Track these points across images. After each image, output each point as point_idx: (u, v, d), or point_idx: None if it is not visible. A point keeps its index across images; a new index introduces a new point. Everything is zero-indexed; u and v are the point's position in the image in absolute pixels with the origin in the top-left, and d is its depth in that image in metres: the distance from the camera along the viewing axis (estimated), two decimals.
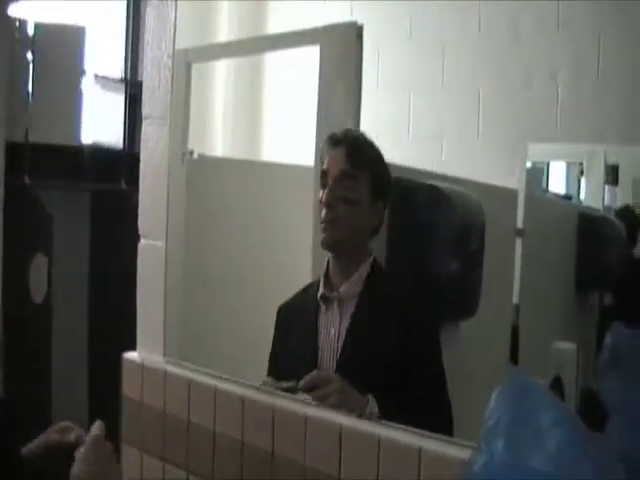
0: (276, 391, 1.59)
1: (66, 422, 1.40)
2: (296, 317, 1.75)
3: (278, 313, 1.80)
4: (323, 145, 1.73)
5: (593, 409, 1.15)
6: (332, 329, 1.65)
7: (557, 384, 2.65)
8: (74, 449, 1.30)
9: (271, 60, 3.94)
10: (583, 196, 3.75)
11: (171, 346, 1.93)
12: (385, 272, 1.70)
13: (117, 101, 3.72)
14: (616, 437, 1.08)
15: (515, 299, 2.64)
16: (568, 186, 3.86)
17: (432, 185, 1.91)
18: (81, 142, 3.31)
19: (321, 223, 1.65)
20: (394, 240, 1.84)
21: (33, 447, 1.34)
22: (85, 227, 3.39)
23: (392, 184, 1.74)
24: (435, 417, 1.49)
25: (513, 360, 2.57)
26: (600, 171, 3.55)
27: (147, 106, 1.97)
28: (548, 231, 2.92)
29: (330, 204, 1.63)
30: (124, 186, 3.18)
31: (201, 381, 1.75)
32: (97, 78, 3.55)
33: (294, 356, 1.68)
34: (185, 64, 2.07)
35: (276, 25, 3.94)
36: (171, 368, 1.85)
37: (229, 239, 2.26)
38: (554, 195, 3.78)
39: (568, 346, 2.69)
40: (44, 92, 3.10)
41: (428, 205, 1.86)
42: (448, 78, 3.69)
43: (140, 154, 2.01)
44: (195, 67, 2.11)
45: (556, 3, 3.28)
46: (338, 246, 1.66)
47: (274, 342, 1.78)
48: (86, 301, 3.40)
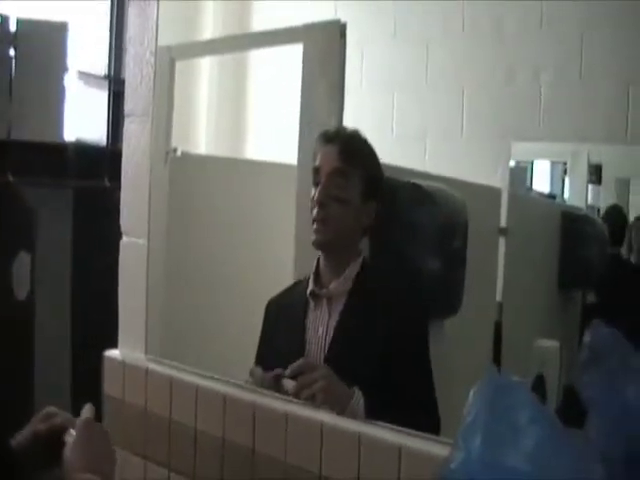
0: (259, 386, 1.58)
1: (50, 407, 1.38)
2: (284, 313, 1.74)
3: (267, 308, 1.79)
4: (316, 142, 1.71)
5: (575, 406, 1.15)
6: (320, 327, 1.65)
7: (540, 382, 2.66)
8: (62, 433, 1.29)
9: (255, 58, 3.93)
10: (567, 195, 3.77)
11: (153, 344, 1.92)
12: (374, 271, 1.69)
13: (101, 98, 3.71)
14: (595, 434, 1.08)
15: (498, 297, 2.66)
16: (552, 185, 3.88)
17: (415, 184, 1.90)
18: (64, 139, 3.29)
19: (313, 222, 1.64)
20: (377, 238, 1.84)
21: (21, 439, 1.32)
22: (68, 224, 3.36)
23: (385, 183, 1.73)
24: (422, 416, 1.49)
25: (496, 358, 2.58)
26: (583, 170, 3.57)
27: (129, 103, 1.96)
28: (531, 230, 2.93)
29: (322, 203, 1.62)
30: (107, 183, 3.17)
31: (182, 379, 1.75)
32: (81, 75, 3.53)
33: (281, 352, 1.67)
34: (168, 61, 2.07)
35: (260, 24, 3.94)
36: (152, 366, 1.84)
37: (212, 237, 2.26)
38: (538, 194, 3.79)
39: (551, 344, 2.70)
40: (26, 89, 3.08)
41: (411, 203, 1.86)
42: (432, 77, 3.70)
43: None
44: (179, 64, 2.10)
45: (540, 3, 3.29)
46: (329, 246, 1.65)
47: (261, 337, 1.77)
48: (69, 298, 3.38)
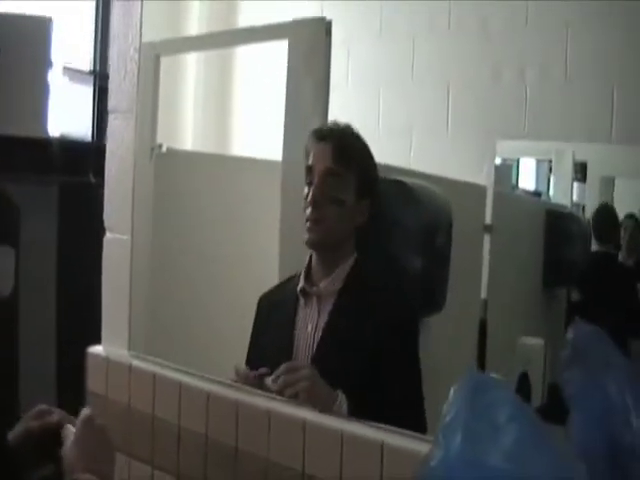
0: (243, 384, 1.58)
1: (41, 405, 1.37)
2: (275, 309, 1.73)
3: (258, 304, 1.78)
4: (308, 139, 1.69)
5: (559, 404, 1.16)
6: (309, 324, 1.64)
7: (524, 379, 2.68)
8: (57, 430, 1.28)
9: (241, 54, 3.93)
10: (552, 193, 3.79)
11: (136, 340, 1.92)
12: (364, 271, 1.68)
13: (86, 93, 3.69)
14: (577, 431, 1.09)
15: (483, 294, 2.67)
16: (538, 182, 3.90)
17: (399, 181, 1.91)
18: (49, 134, 3.27)
19: (306, 221, 1.62)
20: (363, 237, 1.84)
21: (15, 436, 1.31)
22: (53, 220, 3.35)
23: (379, 180, 1.71)
24: (410, 416, 1.48)
25: (481, 355, 2.59)
26: (568, 168, 3.58)
27: (113, 100, 1.95)
28: (516, 227, 2.94)
29: (316, 203, 1.60)
30: (92, 179, 3.15)
31: (166, 376, 1.74)
32: (66, 70, 3.51)
33: (270, 348, 1.67)
34: (153, 57, 2.06)
35: (246, 21, 3.93)
36: (136, 362, 1.84)
37: (197, 233, 2.25)
38: (523, 191, 3.81)
39: (535, 342, 2.72)
40: (10, 83, 3.06)
41: (394, 201, 1.86)
42: (418, 74, 3.70)
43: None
44: (165, 60, 2.10)
45: (525, 3, 3.30)
46: (322, 245, 1.64)
47: (252, 333, 1.76)
48: (54, 294, 3.36)
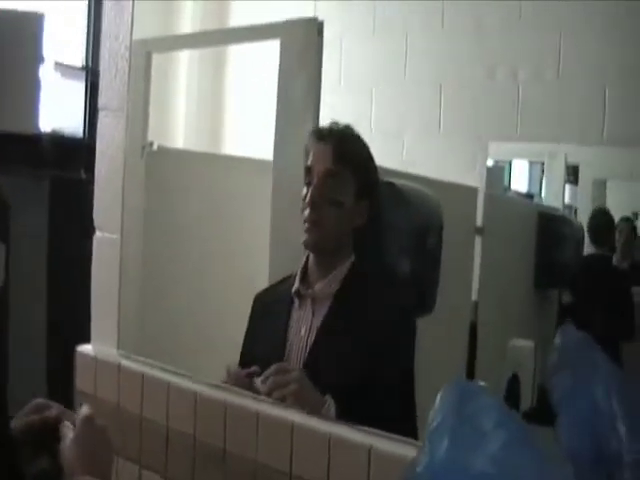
0: (232, 383, 1.57)
1: (40, 399, 1.36)
2: (270, 309, 1.71)
3: (254, 303, 1.76)
4: (308, 139, 1.67)
5: (549, 406, 1.16)
6: (303, 327, 1.61)
7: (515, 381, 2.68)
8: (57, 424, 1.28)
9: (234, 52, 3.92)
10: (544, 195, 3.80)
11: (125, 339, 1.91)
12: (360, 274, 1.65)
13: (79, 89, 3.68)
14: (564, 435, 1.09)
15: (474, 296, 2.67)
16: (530, 184, 3.91)
17: (390, 183, 1.90)
18: (40, 130, 3.27)
19: (304, 223, 1.60)
20: (358, 238, 1.83)
21: (16, 429, 1.30)
22: (44, 214, 3.34)
23: (378, 182, 1.69)
24: (400, 423, 1.47)
25: (471, 357, 2.59)
26: (561, 171, 3.59)
27: (103, 97, 1.94)
28: (508, 229, 2.94)
29: (315, 204, 1.59)
30: (83, 175, 3.15)
31: (154, 376, 1.74)
32: (58, 66, 3.50)
33: (263, 349, 1.64)
34: (145, 54, 2.05)
35: (239, 20, 3.93)
36: (125, 362, 1.83)
37: (188, 232, 2.25)
38: (515, 193, 3.82)
39: (526, 344, 2.72)
40: (1, 79, 3.05)
41: (386, 203, 1.85)
42: (410, 74, 3.69)
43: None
44: (157, 58, 2.09)
45: (519, 3, 3.30)
46: (320, 247, 1.62)
47: (247, 332, 1.75)
48: (45, 289, 3.36)
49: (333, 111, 1.92)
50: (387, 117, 3.50)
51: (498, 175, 3.51)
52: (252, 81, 3.80)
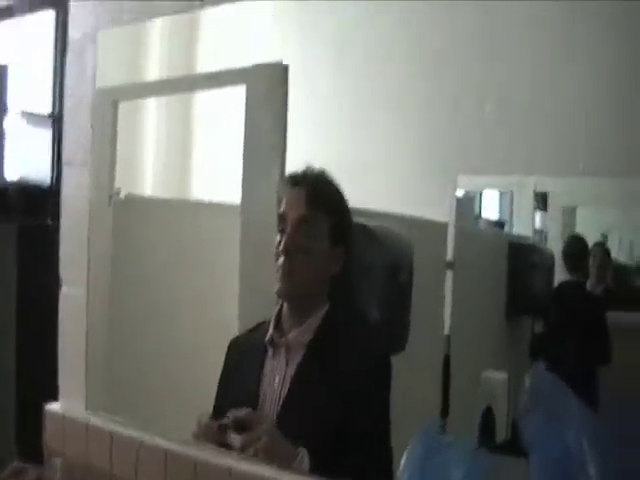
0: (203, 436, 1.54)
1: (16, 463, 1.34)
2: (243, 357, 1.67)
3: (228, 349, 1.73)
4: (281, 185, 1.66)
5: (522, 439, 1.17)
6: (277, 376, 1.58)
7: (489, 413, 2.68)
8: None
9: (202, 97, 3.94)
10: (514, 224, 3.82)
11: (94, 396, 1.87)
12: (334, 321, 1.62)
13: (47, 136, 3.67)
14: (535, 476, 1.10)
15: (446, 330, 2.67)
16: (501, 213, 3.94)
17: (361, 224, 1.90)
18: (5, 179, 3.26)
19: (277, 271, 1.57)
20: (334, 284, 1.81)
21: None
22: (12, 262, 3.31)
23: (352, 226, 1.67)
24: (377, 473, 1.45)
25: (445, 391, 2.59)
26: (529, 200, 3.63)
27: (67, 151, 1.94)
28: (478, 262, 2.96)
29: (289, 253, 1.56)
30: (50, 221, 3.13)
31: (123, 434, 1.70)
32: (25, 114, 3.50)
33: (235, 399, 1.60)
34: (111, 102, 2.06)
35: (206, 64, 3.95)
36: (93, 420, 1.79)
37: (157, 281, 2.23)
38: (486, 222, 3.84)
39: (499, 375, 2.72)
40: None
41: (357, 245, 1.84)
42: (375, 111, 3.73)
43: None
44: (124, 105, 2.09)
45: (485, 33, 3.35)
46: (294, 296, 1.60)
47: (221, 379, 1.71)
48: (14, 339, 3.31)
49: (298, 153, 1.94)
50: (354, 156, 3.52)
51: (468, 206, 3.53)
52: (220, 125, 3.81)
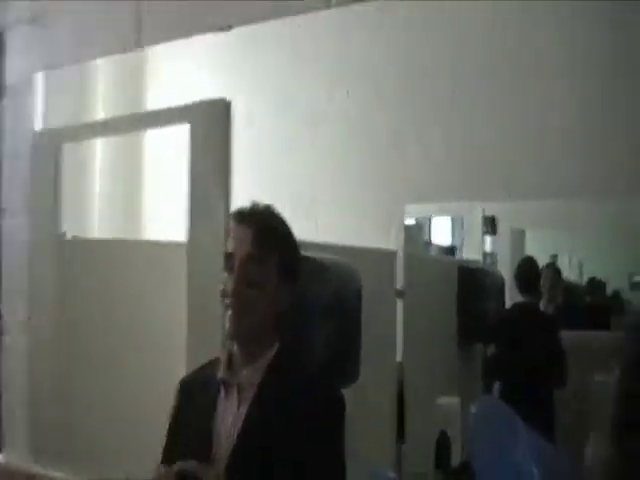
0: None
1: None
2: (195, 397, 1.63)
3: (179, 388, 1.69)
4: (228, 222, 1.62)
5: None
6: (230, 417, 1.55)
7: (444, 438, 2.70)
8: None
9: (149, 137, 3.93)
10: (464, 248, 3.87)
11: (39, 448, 1.83)
12: (288, 360, 1.60)
13: None
14: None
15: (399, 358, 2.69)
16: (453, 238, 3.98)
17: (308, 257, 1.90)
18: None
19: (225, 310, 1.54)
20: (283, 322, 1.81)
21: None
22: None
23: (301, 261, 1.65)
24: None
25: (400, 418, 2.61)
26: (478, 224, 3.68)
27: (3, 201, 1.91)
28: (428, 288, 2.99)
29: (236, 292, 1.53)
30: None
31: None
32: None
33: (189, 442, 1.57)
34: (54, 146, 2.06)
35: (154, 102, 3.96)
36: (38, 470, 1.75)
37: (103, 324, 2.20)
38: (437, 248, 3.88)
39: (452, 400, 2.75)
40: None
41: (305, 279, 1.84)
42: (321, 144, 3.76)
43: None
44: (69, 147, 2.09)
45: (419, 64, 3.42)
46: (244, 337, 1.57)
47: (172, 421, 1.67)
48: None
49: (244, 188, 1.95)
50: (300, 190, 3.54)
51: (417, 233, 3.57)
52: (166, 164, 3.81)
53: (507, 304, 3.44)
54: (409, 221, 3.60)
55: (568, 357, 3.12)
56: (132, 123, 2.36)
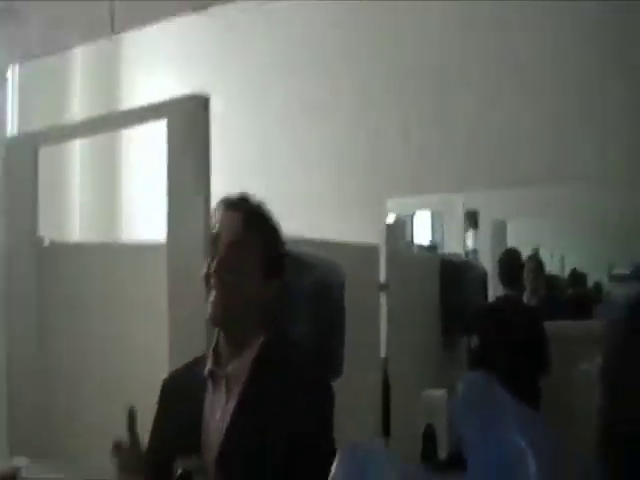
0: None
1: None
2: (181, 393, 1.62)
3: (162, 388, 1.67)
4: (216, 207, 1.59)
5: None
6: (218, 410, 1.54)
7: (430, 430, 2.70)
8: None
9: (126, 133, 3.91)
10: (446, 243, 3.88)
11: (18, 443, 1.80)
12: (274, 352, 1.58)
13: None
14: None
15: (383, 353, 2.69)
16: (434, 234, 3.98)
17: (290, 252, 1.90)
18: None
19: (208, 294, 1.53)
20: (269, 315, 1.79)
21: None
22: None
23: (286, 258, 1.63)
24: None
25: (385, 412, 2.61)
26: (459, 218, 3.68)
27: None
28: (412, 283, 2.98)
29: (220, 275, 1.51)
30: None
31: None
32: None
33: (176, 438, 1.54)
34: (31, 149, 2.03)
35: (130, 98, 3.94)
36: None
37: (84, 327, 2.17)
38: (419, 246, 3.88)
39: (438, 393, 2.74)
40: None
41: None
42: (303, 141, 3.76)
43: None
44: (46, 150, 2.06)
45: (401, 62, 3.43)
46: (227, 321, 1.55)
47: (156, 419, 1.64)
48: None
49: (223, 185, 1.93)
50: (281, 186, 3.54)
51: (399, 230, 3.57)
52: (145, 161, 3.79)
53: (490, 297, 3.47)
54: (391, 217, 3.60)
55: (551, 347, 3.15)
56: (109, 122, 2.33)
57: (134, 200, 3.98)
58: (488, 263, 3.55)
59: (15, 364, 1.84)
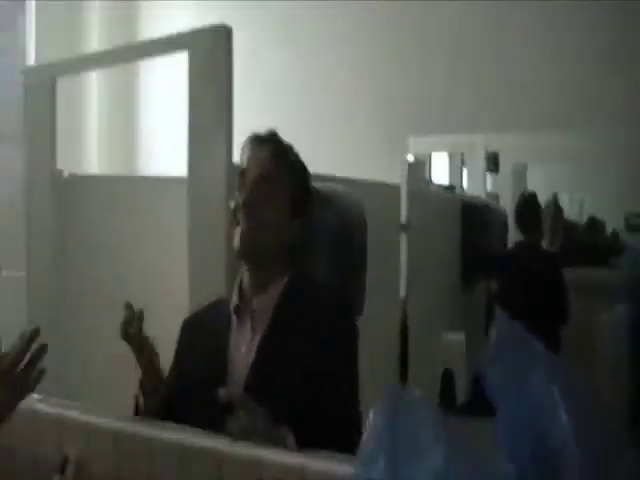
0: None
1: None
2: (203, 332, 1.61)
3: (182, 329, 1.65)
4: (244, 143, 1.57)
5: (483, 397, 1.14)
6: (243, 346, 1.53)
7: (448, 374, 2.69)
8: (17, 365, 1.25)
9: (145, 67, 3.85)
10: (466, 185, 3.83)
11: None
12: (300, 288, 1.57)
13: None
14: (503, 433, 1.08)
15: (402, 293, 2.66)
16: (451, 176, 3.94)
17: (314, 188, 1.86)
18: None
19: (235, 227, 1.51)
20: (295, 254, 1.77)
21: None
22: None
23: (313, 197, 1.61)
24: (347, 434, 1.42)
25: (403, 354, 2.59)
26: (480, 160, 3.63)
27: None
28: (432, 224, 2.94)
29: (248, 208, 1.50)
30: None
31: (73, 418, 1.60)
32: None
33: (200, 375, 1.54)
34: (49, 79, 1.97)
35: (149, 30, 3.87)
36: (41, 407, 1.69)
37: (103, 260, 2.15)
38: (437, 187, 3.83)
39: (457, 337, 2.73)
40: None
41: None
42: (323, 78, 3.70)
43: None
44: (65, 81, 2.01)
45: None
46: (254, 256, 1.53)
47: (175, 359, 1.63)
48: None
49: (245, 119, 1.89)
50: (303, 122, 3.49)
51: (419, 170, 3.51)
52: (165, 97, 3.74)
53: (510, 241, 3.44)
54: (411, 156, 3.55)
55: (571, 295, 3.12)
56: (130, 52, 2.26)
57: (153, 134, 3.94)
58: (509, 207, 3.51)
59: (34, 297, 1.82)
